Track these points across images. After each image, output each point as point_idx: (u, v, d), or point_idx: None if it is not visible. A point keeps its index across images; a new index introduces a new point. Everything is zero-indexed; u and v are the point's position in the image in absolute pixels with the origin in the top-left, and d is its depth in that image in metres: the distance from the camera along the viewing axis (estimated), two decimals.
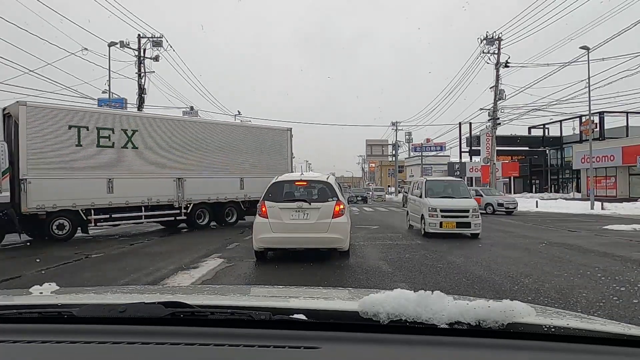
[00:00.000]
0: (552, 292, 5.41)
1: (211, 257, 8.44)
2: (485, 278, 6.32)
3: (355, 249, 9.00)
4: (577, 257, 8.16)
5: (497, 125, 31.84)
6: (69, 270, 7.35)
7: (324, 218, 7.64)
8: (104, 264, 7.93)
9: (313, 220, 7.64)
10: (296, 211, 7.68)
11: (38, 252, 9.54)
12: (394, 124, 57.83)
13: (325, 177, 8.54)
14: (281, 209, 7.68)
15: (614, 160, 34.81)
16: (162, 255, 8.93)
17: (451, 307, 1.08)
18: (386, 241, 10.75)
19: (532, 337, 1.05)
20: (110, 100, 27.39)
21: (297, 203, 7.73)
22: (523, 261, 7.77)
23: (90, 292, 1.91)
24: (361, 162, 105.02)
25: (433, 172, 65.25)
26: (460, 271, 6.83)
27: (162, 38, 29.45)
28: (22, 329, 1.16)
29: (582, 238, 11.52)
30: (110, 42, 25.92)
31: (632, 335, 1.07)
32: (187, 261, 8.07)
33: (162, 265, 7.67)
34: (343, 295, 1.84)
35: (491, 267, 7.15)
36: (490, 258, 8.09)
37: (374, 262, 7.72)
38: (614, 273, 6.55)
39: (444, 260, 7.89)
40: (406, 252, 8.91)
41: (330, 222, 7.63)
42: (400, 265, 7.41)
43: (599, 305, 4.75)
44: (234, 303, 1.42)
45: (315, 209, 7.69)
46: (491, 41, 30.52)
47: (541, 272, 6.65)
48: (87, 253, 9.35)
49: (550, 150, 48.84)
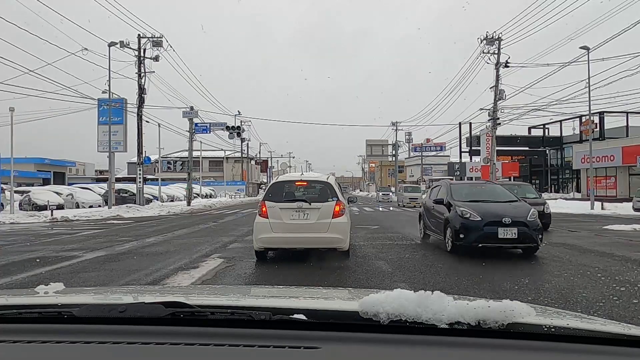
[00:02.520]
0: (552, 292, 5.40)
1: (211, 257, 8.42)
2: (485, 278, 6.32)
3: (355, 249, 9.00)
4: (577, 257, 8.16)
5: (497, 125, 31.86)
6: (67, 271, 7.33)
7: (324, 218, 7.63)
8: (104, 265, 7.90)
9: (313, 220, 7.63)
10: (296, 211, 7.67)
11: (36, 252, 9.53)
12: (394, 124, 57.84)
13: (325, 178, 8.53)
14: (281, 209, 7.68)
15: (614, 160, 34.82)
16: (162, 255, 8.92)
17: (451, 307, 1.08)
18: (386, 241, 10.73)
19: (532, 337, 1.05)
20: (111, 100, 27.35)
21: (297, 203, 7.71)
22: (522, 261, 7.77)
23: (90, 292, 1.88)
24: (361, 162, 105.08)
25: (433, 172, 65.31)
26: (458, 271, 6.84)
27: (162, 38, 29.50)
28: (22, 329, 1.16)
29: (582, 238, 11.52)
30: (110, 42, 25.92)
31: (632, 335, 1.07)
32: (187, 261, 8.06)
33: (162, 266, 7.65)
34: (343, 295, 1.84)
35: (492, 266, 7.15)
36: (488, 258, 8.07)
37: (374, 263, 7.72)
38: (613, 273, 6.55)
39: (439, 259, 7.88)
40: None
41: (330, 222, 7.62)
42: (401, 265, 7.41)
43: (599, 305, 4.74)
44: (234, 303, 1.43)
45: (315, 209, 7.69)
46: (491, 41, 30.53)
47: (541, 272, 6.65)
48: (86, 252, 9.34)
49: (550, 150, 48.84)
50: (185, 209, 28.66)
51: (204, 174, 58.49)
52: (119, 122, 28.62)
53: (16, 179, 43.85)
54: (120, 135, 28.70)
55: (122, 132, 28.85)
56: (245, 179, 62.77)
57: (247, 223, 17.27)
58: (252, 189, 67.00)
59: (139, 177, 28.87)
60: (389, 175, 75.62)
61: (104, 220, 21.09)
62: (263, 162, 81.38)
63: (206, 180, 58.21)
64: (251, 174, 69.60)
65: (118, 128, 28.60)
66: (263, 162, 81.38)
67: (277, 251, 8.10)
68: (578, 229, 14.27)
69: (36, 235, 13.94)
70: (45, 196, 26.64)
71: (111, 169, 28.19)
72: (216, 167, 69.31)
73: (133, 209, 25.60)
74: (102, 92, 27.58)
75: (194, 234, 13.32)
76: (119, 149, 28.94)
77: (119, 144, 28.83)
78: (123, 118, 28.97)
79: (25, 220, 20.62)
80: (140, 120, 29.27)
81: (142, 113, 29.29)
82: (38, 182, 47.13)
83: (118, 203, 27.73)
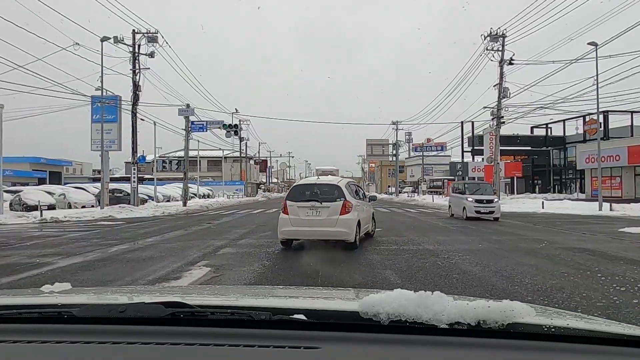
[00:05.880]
0: (594, 310, 4.57)
1: (197, 266, 7.55)
2: (510, 292, 5.49)
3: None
4: (606, 266, 7.33)
5: (501, 124, 31.04)
6: (29, 283, 6.48)
7: (333, 215, 8.88)
8: (75, 275, 6.89)
9: (324, 217, 8.93)
10: (310, 209, 9.04)
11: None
12: (395, 123, 56.97)
13: (337, 181, 9.95)
14: (298, 207, 9.13)
15: (620, 160, 34.10)
16: (144, 262, 8.07)
17: (451, 307, 1.07)
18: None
19: (532, 337, 1.04)
20: (103, 97, 26.52)
21: (311, 202, 9.09)
22: (547, 270, 6.94)
23: (90, 292, 1.88)
24: (361, 162, 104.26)
25: (434, 172, 64.47)
26: (480, 283, 6.03)
27: (157, 34, 28.68)
28: (22, 329, 1.17)
29: (601, 242, 10.71)
30: (102, 36, 25.01)
31: (632, 335, 1.07)
32: (169, 270, 7.21)
33: (140, 276, 6.80)
34: (343, 295, 1.82)
35: (514, 278, 6.34)
36: (509, 266, 7.27)
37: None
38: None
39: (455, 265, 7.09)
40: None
41: (338, 218, 8.87)
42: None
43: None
44: (234, 303, 1.43)
45: (325, 208, 8.98)
46: (495, 38, 29.76)
47: (573, 285, 5.80)
48: (62, 258, 8.52)
49: (553, 150, 48.15)
50: (181, 210, 27.84)
51: (202, 173, 57.71)
52: (112, 120, 27.78)
53: (11, 179, 43.37)
54: (114, 133, 27.86)
55: (116, 130, 28.00)
56: (244, 179, 61.86)
57: (243, 225, 16.48)
58: (251, 189, 66.12)
59: (133, 176, 28.05)
60: (389, 176, 74.73)
61: (95, 221, 20.29)
62: (262, 161, 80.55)
63: (204, 180, 57.40)
64: (250, 174, 68.74)
65: (112, 126, 27.75)
66: (262, 161, 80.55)
67: (277, 260, 7.96)
68: (592, 231, 13.44)
69: (18, 237, 13.13)
70: (36, 196, 25.77)
71: (104, 168, 27.29)
72: (215, 167, 68.52)
73: (126, 210, 24.78)
74: (96, 89, 26.78)
75: (185, 237, 12.47)
76: (112, 148, 28.09)
77: (113, 143, 27.98)
78: (117, 116, 28.12)
79: (13, 221, 19.80)
80: (135, 118, 28.45)
81: (137, 111, 28.47)
82: (33, 181, 46.43)
83: (112, 203, 26.93)
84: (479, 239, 11.47)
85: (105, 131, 26.70)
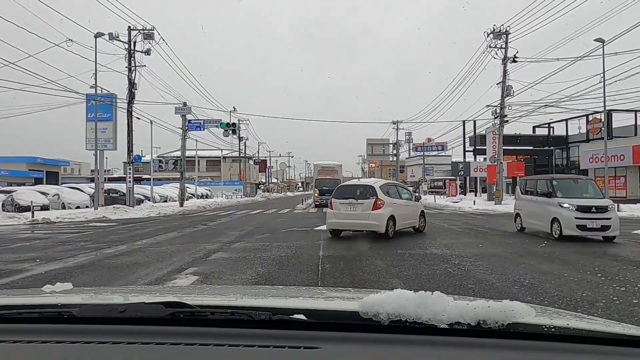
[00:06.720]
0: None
1: (184, 274, 6.93)
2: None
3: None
4: (633, 273, 6.72)
5: (504, 123, 30.45)
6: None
7: (366, 210, 10.78)
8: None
9: (359, 212, 10.88)
10: (349, 205, 11.05)
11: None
12: (395, 122, 56.36)
13: (373, 182, 11.94)
14: (340, 203, 11.24)
15: (624, 159, 33.48)
16: (128, 269, 7.46)
17: (451, 307, 1.07)
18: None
19: (532, 337, 1.04)
20: (97, 95, 25.90)
21: (349, 200, 11.12)
22: (570, 278, 6.32)
23: (90, 292, 1.88)
24: (361, 162, 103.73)
25: (435, 172, 63.91)
26: (493, 288, 5.44)
27: (153, 30, 28.06)
28: (22, 329, 1.16)
29: (620, 246, 10.11)
30: (97, 32, 24.39)
31: (632, 335, 1.06)
32: (153, 279, 6.59)
33: (122, 284, 6.18)
34: (343, 295, 1.78)
35: (534, 286, 5.74)
36: (525, 272, 6.67)
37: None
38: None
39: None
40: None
41: (370, 212, 10.74)
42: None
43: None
44: (234, 303, 1.43)
45: (360, 204, 10.94)
46: (498, 35, 29.19)
47: (606, 297, 5.14)
48: (40, 264, 7.91)
49: (556, 150, 47.57)
50: (177, 210, 27.24)
51: (201, 173, 57.12)
52: (107, 119, 27.17)
53: (7, 179, 42.77)
54: (109, 132, 27.23)
55: (111, 129, 27.37)
56: (243, 179, 61.22)
57: (239, 226, 15.87)
58: (250, 189, 65.49)
59: (129, 176, 27.43)
60: (390, 175, 74.10)
61: (88, 222, 19.69)
62: (261, 161, 79.93)
63: (203, 180, 56.78)
64: (249, 174, 68.13)
65: (107, 125, 27.14)
66: (261, 161, 79.93)
67: (272, 267, 7.43)
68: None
69: (3, 240, 12.54)
70: (29, 196, 25.12)
71: (98, 168, 26.67)
72: (214, 167, 67.89)
73: (121, 210, 24.16)
74: (91, 86, 26.18)
75: (177, 240, 11.85)
76: (108, 147, 27.46)
77: (108, 142, 27.34)
78: (112, 114, 27.49)
79: (3, 222, 19.20)
80: (131, 117, 27.82)
81: (133, 109, 27.86)
82: (30, 181, 45.78)
83: (108, 203, 26.31)
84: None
85: (100, 130, 26.09)
